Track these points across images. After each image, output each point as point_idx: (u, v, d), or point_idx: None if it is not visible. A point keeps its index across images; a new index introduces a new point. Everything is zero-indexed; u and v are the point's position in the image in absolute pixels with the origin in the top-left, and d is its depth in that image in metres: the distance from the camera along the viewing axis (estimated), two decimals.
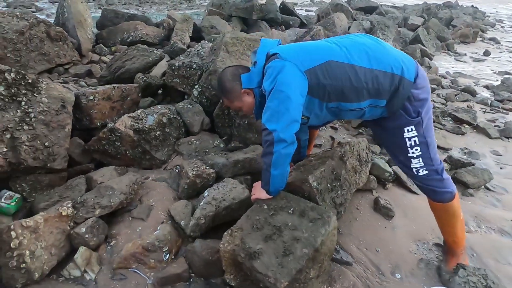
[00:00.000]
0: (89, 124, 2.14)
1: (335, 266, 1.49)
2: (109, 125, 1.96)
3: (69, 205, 1.51)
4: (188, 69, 2.64)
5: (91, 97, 2.08)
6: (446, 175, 1.41)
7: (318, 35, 4.10)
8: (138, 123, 2.03)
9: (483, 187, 2.17)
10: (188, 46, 4.12)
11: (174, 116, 2.24)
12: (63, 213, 1.47)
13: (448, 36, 7.26)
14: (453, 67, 5.59)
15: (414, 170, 1.40)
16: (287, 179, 1.45)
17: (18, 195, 1.68)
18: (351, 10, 7.27)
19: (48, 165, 1.75)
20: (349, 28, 5.82)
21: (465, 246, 1.53)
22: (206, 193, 1.72)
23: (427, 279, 1.49)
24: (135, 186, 1.78)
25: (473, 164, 2.29)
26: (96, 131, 2.18)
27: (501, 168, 2.46)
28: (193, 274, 1.43)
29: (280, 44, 1.46)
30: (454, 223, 1.45)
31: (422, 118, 1.32)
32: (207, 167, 1.94)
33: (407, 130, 1.34)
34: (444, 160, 2.37)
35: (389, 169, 2.07)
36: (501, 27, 10.89)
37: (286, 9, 6.17)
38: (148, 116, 2.15)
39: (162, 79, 2.91)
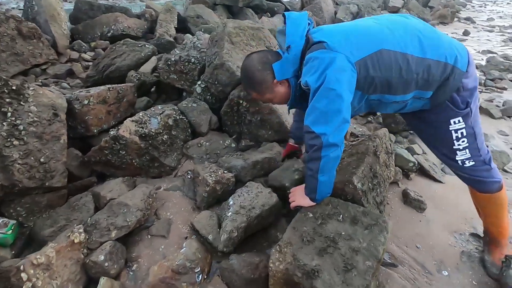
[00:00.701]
0: (85, 132, 1.89)
1: (381, 270, 1.40)
2: (112, 133, 1.73)
3: (81, 230, 1.31)
4: (187, 63, 2.41)
5: (86, 101, 1.83)
6: (494, 165, 1.34)
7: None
8: (142, 128, 1.82)
9: (501, 170, 2.15)
10: (175, 38, 3.84)
11: (180, 117, 2.04)
12: (75, 240, 1.27)
13: (428, 17, 7.34)
14: None
15: (459, 161, 1.32)
16: None
17: (14, 221, 1.45)
18: None
19: (46, 183, 1.52)
20: (335, 12, 5.71)
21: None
22: (231, 201, 1.57)
23: (473, 274, 1.43)
24: (150, 199, 1.59)
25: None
26: (93, 139, 1.95)
27: (511, 149, 2.47)
28: None
29: (308, 18, 1.25)
30: (501, 214, 1.39)
31: (471, 108, 1.23)
32: (225, 171, 1.78)
33: (454, 122, 1.25)
34: None
35: (412, 159, 2.00)
36: (472, 6, 11.20)
37: None
38: (151, 118, 1.94)
39: (154, 75, 2.68)
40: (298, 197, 1.30)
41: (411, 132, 2.47)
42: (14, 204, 1.50)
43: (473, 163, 1.30)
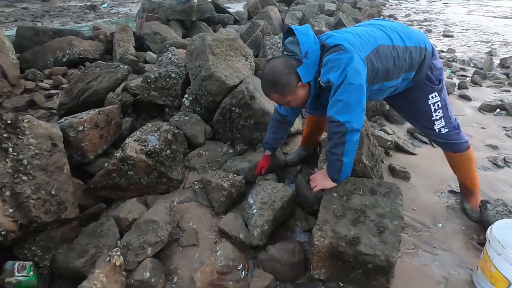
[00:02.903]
0: (81, 159, 1.83)
1: None
2: (118, 155, 1.71)
3: (119, 253, 1.30)
4: (168, 79, 2.45)
5: (81, 128, 1.78)
6: (460, 128, 1.65)
7: (267, 29, 4.21)
8: (146, 146, 1.83)
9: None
10: (136, 57, 3.78)
11: (177, 130, 2.07)
12: (117, 263, 1.26)
13: (360, 17, 8.20)
14: None
15: (437, 130, 1.61)
16: None
17: (30, 262, 1.37)
18: (275, 2, 7.59)
19: (62, 216, 1.45)
20: (282, 19, 6.09)
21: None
22: (251, 200, 1.67)
23: (460, 221, 1.74)
24: (172, 212, 1.61)
25: None
26: (90, 165, 1.89)
27: None
28: (278, 282, 1.38)
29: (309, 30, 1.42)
30: (471, 168, 1.72)
31: (443, 84, 1.53)
32: (234, 175, 1.87)
33: (431, 97, 1.53)
34: None
35: (390, 138, 2.30)
36: (390, 5, 12.75)
37: (218, 7, 6.11)
38: (148, 136, 1.94)
39: (127, 95, 2.63)
40: (320, 181, 1.46)
41: (379, 117, 2.82)
42: (28, 244, 1.40)
43: (447, 129, 1.61)
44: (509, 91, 3.72)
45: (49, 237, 1.45)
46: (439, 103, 1.55)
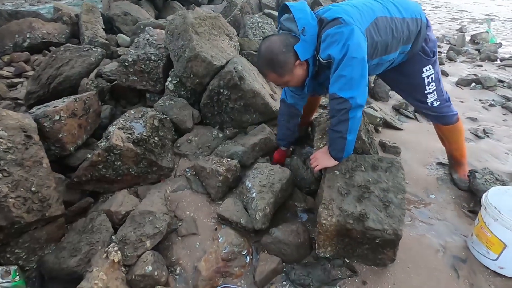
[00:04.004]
0: (60, 152, 1.68)
1: None
2: (102, 144, 1.58)
3: (116, 248, 1.21)
4: (147, 62, 2.28)
5: (57, 118, 1.61)
6: (450, 101, 1.68)
7: (245, 8, 4.05)
8: (132, 134, 1.70)
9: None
10: (107, 40, 3.50)
11: (164, 116, 1.95)
12: (115, 259, 1.17)
13: None
14: None
15: (429, 103, 1.62)
16: None
17: (15, 267, 1.25)
18: None
19: (46, 214, 1.33)
20: None
21: None
22: (249, 184, 1.62)
23: (450, 191, 1.80)
24: (168, 202, 1.53)
25: None
26: (70, 158, 1.74)
27: None
28: (284, 263, 1.37)
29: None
30: (461, 139, 1.77)
31: (437, 57, 1.53)
32: (228, 159, 1.80)
33: (426, 69, 1.53)
34: None
35: (378, 115, 2.32)
36: None
37: None
38: (132, 124, 1.81)
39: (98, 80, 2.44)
40: (322, 160, 1.43)
41: None
42: (10, 247, 1.28)
43: (439, 102, 1.63)
44: (481, 65, 3.88)
45: (34, 237, 1.33)
46: (432, 76, 1.55)
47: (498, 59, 4.06)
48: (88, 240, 1.31)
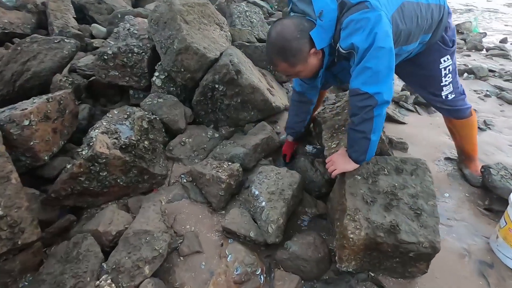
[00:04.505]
0: (32, 162, 1.43)
1: None
2: (84, 153, 1.35)
3: (109, 281, 1.01)
4: (130, 55, 2.03)
5: (26, 122, 1.36)
6: (465, 93, 1.58)
7: None
8: (118, 139, 1.48)
9: None
10: (80, 31, 3.16)
11: (153, 116, 1.73)
12: None
13: None
14: None
15: (443, 96, 1.51)
16: None
17: None
18: None
19: (19, 242, 1.10)
20: None
21: None
22: (255, 191, 1.45)
23: (463, 188, 1.72)
24: (165, 216, 1.33)
25: None
26: (45, 169, 1.50)
27: None
28: (303, 281, 1.22)
29: None
30: (474, 134, 1.68)
31: (455, 46, 1.41)
32: (229, 163, 1.62)
33: (443, 60, 1.41)
34: None
35: None
36: None
37: None
38: (117, 126, 1.59)
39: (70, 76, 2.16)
40: (340, 164, 1.27)
41: None
42: None
43: (454, 95, 1.52)
44: (469, 55, 3.88)
45: (4, 270, 1.10)
46: (450, 67, 1.43)
47: (484, 49, 4.09)
48: (74, 271, 1.09)
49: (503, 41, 4.46)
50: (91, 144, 1.36)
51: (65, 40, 2.06)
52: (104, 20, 3.49)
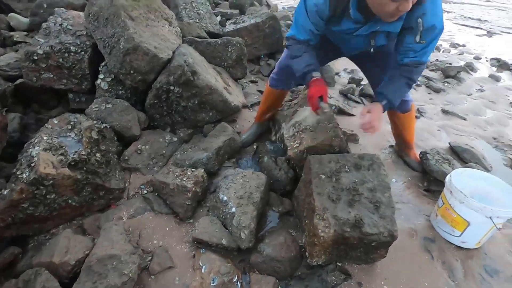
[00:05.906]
0: None
1: None
2: (24, 176, 1.17)
3: None
4: (66, 54, 1.80)
5: None
6: None
7: None
8: (65, 156, 1.32)
9: None
10: None
11: (104, 125, 1.58)
12: None
13: None
14: (281, 2, 6.34)
15: None
16: (313, 144, 1.45)
17: None
18: None
19: None
20: None
21: None
22: (223, 197, 1.44)
23: (406, 173, 1.94)
24: (131, 235, 1.25)
25: None
26: None
27: None
28: (278, 280, 1.27)
29: None
30: (413, 124, 1.89)
31: None
32: (193, 169, 1.58)
33: None
34: None
35: (333, 102, 2.34)
36: None
37: None
38: (61, 140, 1.42)
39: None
40: (381, 119, 1.34)
41: None
42: None
43: None
44: None
45: None
46: None
47: None
48: None
49: None
50: (32, 165, 1.19)
51: None
52: (24, 8, 3.01)
